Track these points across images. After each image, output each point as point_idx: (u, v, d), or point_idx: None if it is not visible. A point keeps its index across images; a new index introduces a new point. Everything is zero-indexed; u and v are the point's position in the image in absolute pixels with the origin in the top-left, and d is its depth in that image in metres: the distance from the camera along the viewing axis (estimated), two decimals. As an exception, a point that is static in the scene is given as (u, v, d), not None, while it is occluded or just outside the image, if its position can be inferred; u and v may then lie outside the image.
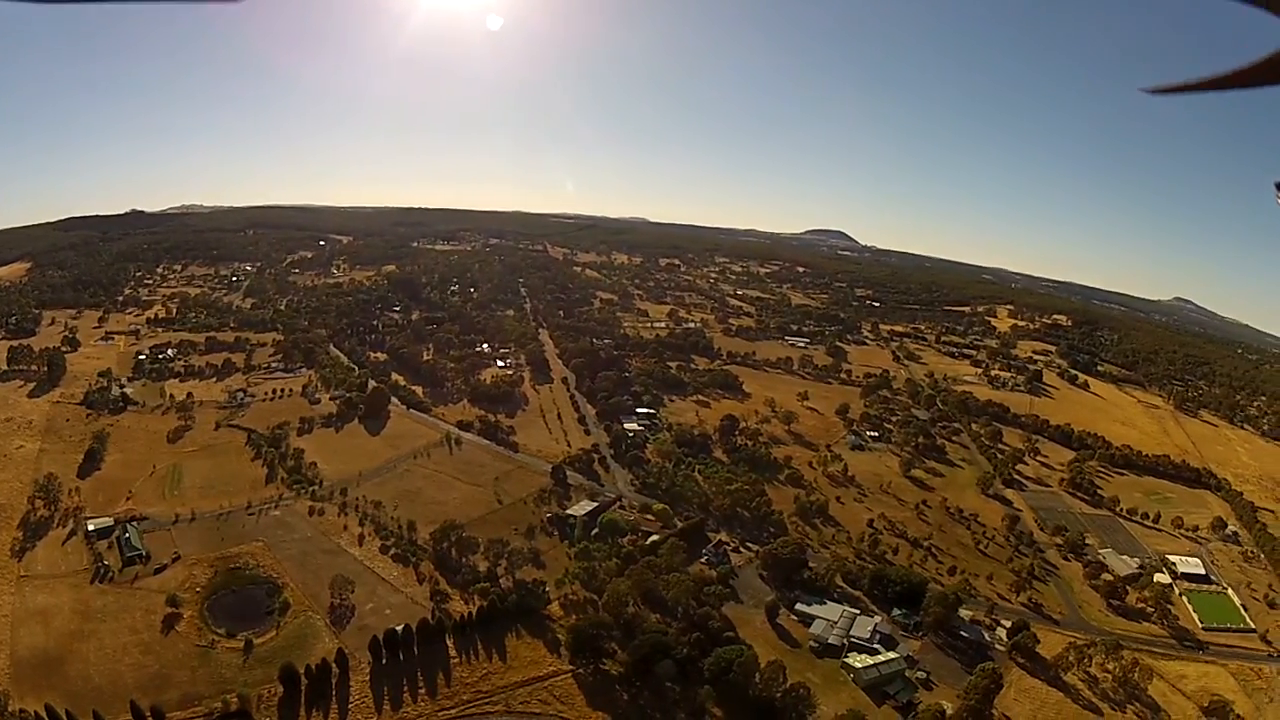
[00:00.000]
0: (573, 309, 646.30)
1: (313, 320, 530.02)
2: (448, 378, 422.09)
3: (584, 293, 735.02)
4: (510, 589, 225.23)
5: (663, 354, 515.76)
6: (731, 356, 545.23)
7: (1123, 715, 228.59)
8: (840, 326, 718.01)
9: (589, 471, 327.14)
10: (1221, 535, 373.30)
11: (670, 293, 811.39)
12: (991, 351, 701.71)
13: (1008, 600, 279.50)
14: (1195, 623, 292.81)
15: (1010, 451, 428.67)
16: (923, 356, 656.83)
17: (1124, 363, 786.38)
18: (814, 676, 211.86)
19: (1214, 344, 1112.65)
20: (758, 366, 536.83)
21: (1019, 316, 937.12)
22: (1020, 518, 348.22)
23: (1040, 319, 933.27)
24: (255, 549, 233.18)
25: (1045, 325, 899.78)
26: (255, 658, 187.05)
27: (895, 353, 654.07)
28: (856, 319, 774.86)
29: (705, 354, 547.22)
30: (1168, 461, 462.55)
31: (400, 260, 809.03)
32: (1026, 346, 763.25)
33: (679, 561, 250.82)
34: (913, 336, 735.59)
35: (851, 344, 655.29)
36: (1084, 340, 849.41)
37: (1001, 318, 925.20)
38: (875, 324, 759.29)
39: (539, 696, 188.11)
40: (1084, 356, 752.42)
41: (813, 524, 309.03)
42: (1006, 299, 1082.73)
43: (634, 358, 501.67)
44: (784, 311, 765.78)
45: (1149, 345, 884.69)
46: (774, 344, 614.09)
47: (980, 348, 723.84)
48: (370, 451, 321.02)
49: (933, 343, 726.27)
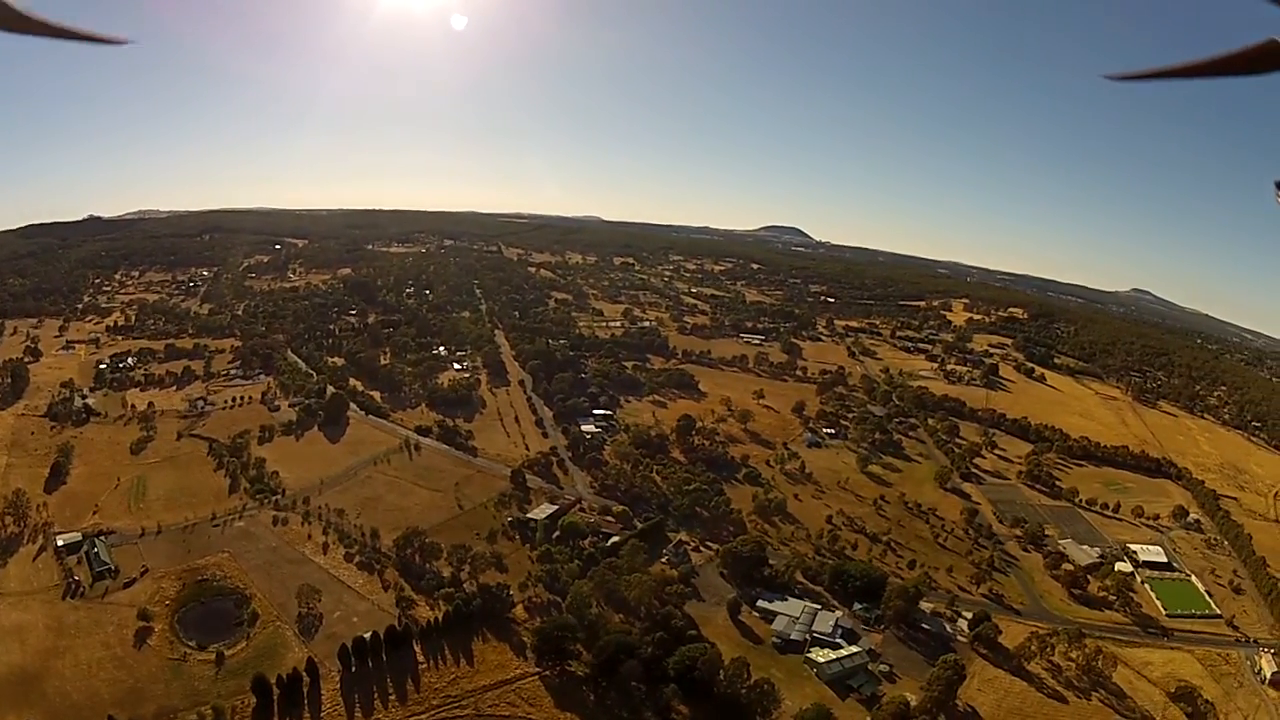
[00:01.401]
0: (528, 310, 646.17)
1: (270, 325, 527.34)
2: (405, 382, 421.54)
3: (539, 293, 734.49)
4: (474, 593, 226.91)
5: (618, 354, 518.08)
6: (687, 355, 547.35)
7: (1088, 703, 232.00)
8: (795, 323, 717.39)
9: (548, 474, 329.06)
10: (1183, 523, 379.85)
11: (625, 292, 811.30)
12: (947, 346, 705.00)
13: (968, 592, 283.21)
14: (1159, 610, 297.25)
15: (967, 445, 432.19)
16: (878, 352, 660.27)
17: (1081, 355, 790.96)
18: (777, 672, 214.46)
19: (1173, 334, 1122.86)
20: (713, 365, 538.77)
21: (975, 310, 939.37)
22: (979, 511, 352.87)
23: (996, 312, 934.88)
24: (222, 560, 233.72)
25: (1001, 318, 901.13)
26: (227, 669, 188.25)
27: (851, 348, 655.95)
28: (811, 315, 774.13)
29: (661, 353, 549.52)
30: (1127, 452, 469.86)
31: (355, 263, 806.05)
32: (982, 340, 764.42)
33: (640, 562, 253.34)
34: (868, 332, 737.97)
35: (807, 340, 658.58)
36: (1040, 333, 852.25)
37: (957, 312, 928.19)
38: (830, 320, 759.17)
39: (507, 699, 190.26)
40: (1040, 349, 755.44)
41: (771, 522, 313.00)
42: (962, 293, 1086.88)
43: (590, 358, 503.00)
44: (739, 309, 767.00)
45: (1106, 337, 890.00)
46: (729, 342, 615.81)
47: (936, 342, 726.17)
48: (331, 459, 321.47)
49: (888, 338, 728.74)
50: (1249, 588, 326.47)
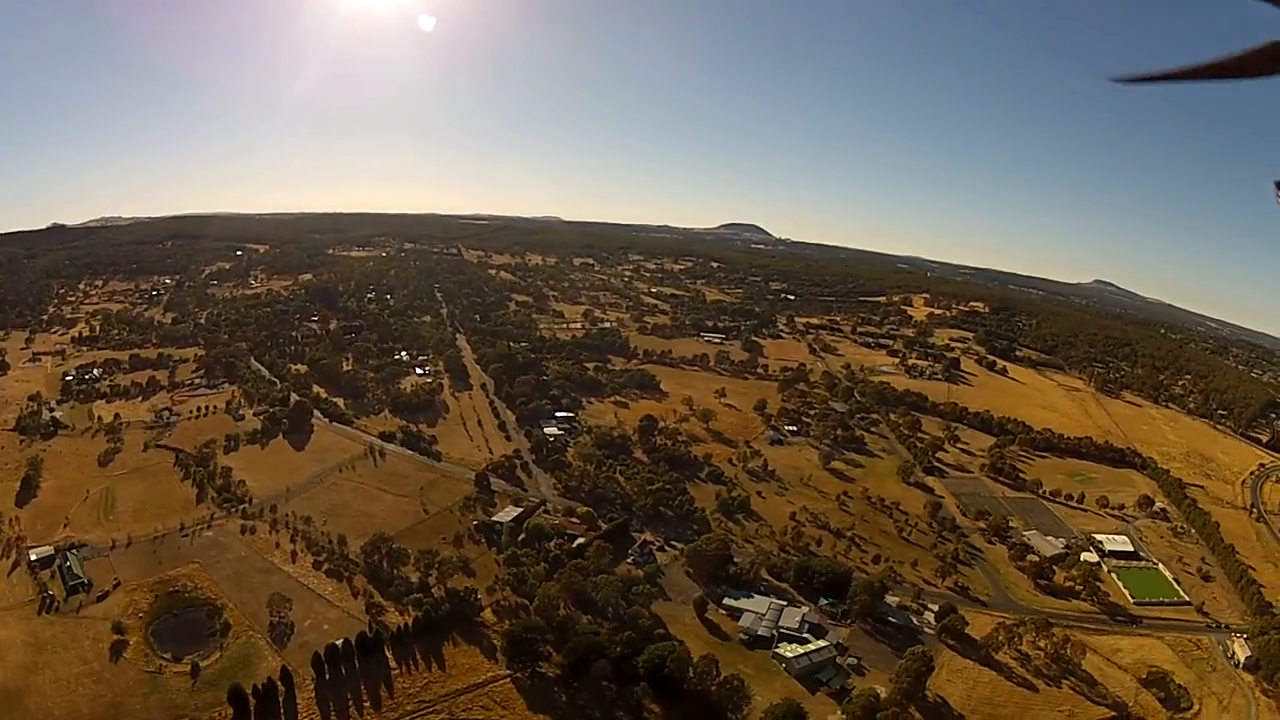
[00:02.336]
0: (489, 313, 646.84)
1: (233, 333, 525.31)
2: (368, 388, 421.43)
3: (499, 296, 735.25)
4: (443, 598, 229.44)
5: (579, 355, 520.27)
6: (648, 355, 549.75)
7: (1058, 691, 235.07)
8: (756, 321, 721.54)
9: (512, 477, 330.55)
10: (1149, 512, 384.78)
11: (585, 293, 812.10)
12: (908, 341, 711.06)
13: (934, 585, 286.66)
14: (1127, 598, 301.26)
15: (929, 440, 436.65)
16: (839, 348, 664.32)
17: (1043, 347, 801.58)
18: (746, 668, 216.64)
19: (1136, 325, 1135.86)
20: (674, 364, 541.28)
21: (935, 305, 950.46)
22: (942, 504, 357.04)
23: (957, 306, 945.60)
24: (192, 571, 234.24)
25: (962, 312, 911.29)
26: (203, 680, 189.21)
27: (811, 345, 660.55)
28: (772, 313, 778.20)
29: (621, 354, 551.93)
30: (1090, 443, 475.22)
31: (316, 268, 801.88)
32: (943, 334, 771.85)
33: (606, 563, 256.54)
34: (829, 328, 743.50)
35: (767, 338, 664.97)
36: (1002, 326, 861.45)
37: (918, 306, 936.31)
38: (791, 317, 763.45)
39: (480, 703, 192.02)
40: (1002, 342, 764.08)
41: (735, 520, 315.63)
42: (923, 288, 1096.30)
43: (551, 360, 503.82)
44: (699, 308, 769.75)
45: (1069, 329, 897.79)
46: (690, 341, 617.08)
47: (897, 337, 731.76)
48: (296, 466, 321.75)
49: (849, 334, 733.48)
50: (1218, 574, 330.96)
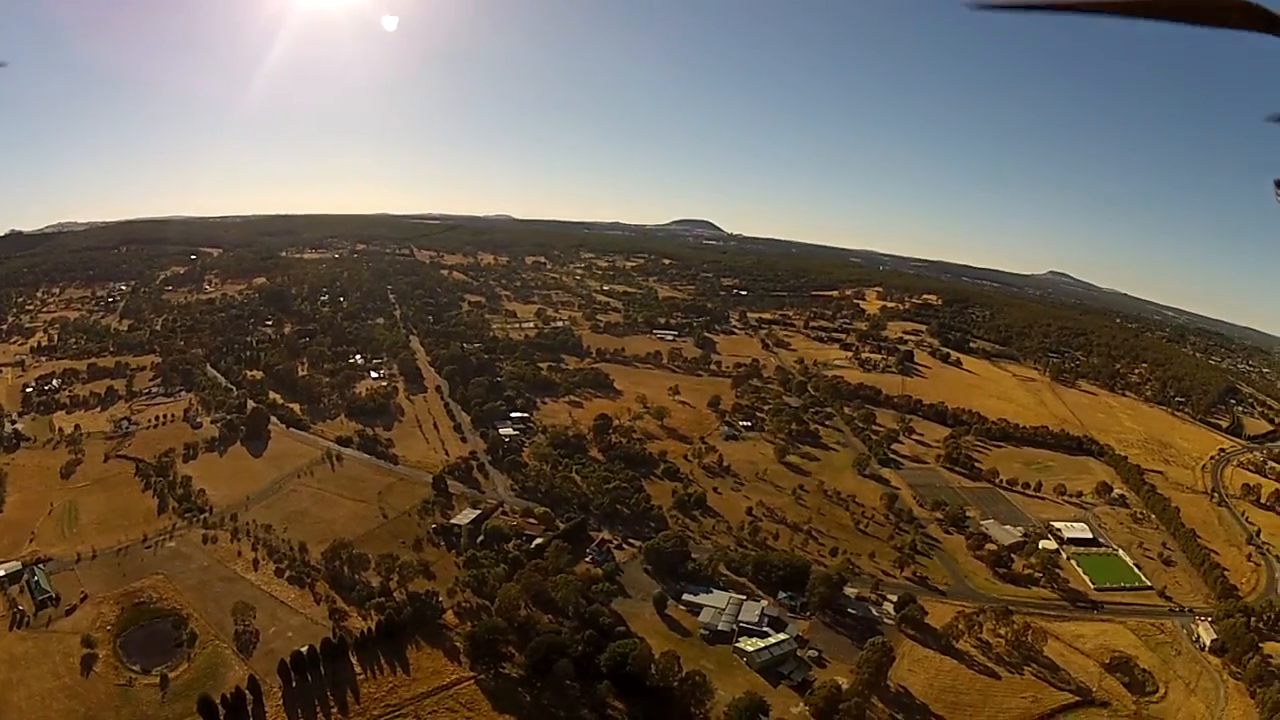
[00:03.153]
0: (442, 314, 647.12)
1: (188, 340, 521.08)
2: (324, 393, 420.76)
3: (452, 296, 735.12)
4: (404, 602, 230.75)
5: (533, 355, 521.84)
6: (601, 354, 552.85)
7: (1020, 677, 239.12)
8: (708, 317, 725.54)
9: (469, 479, 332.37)
10: (1107, 499, 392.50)
11: (537, 292, 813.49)
12: (861, 334, 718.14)
13: (892, 576, 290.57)
14: (1087, 584, 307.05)
15: (884, 432, 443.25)
16: (792, 343, 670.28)
17: (997, 338, 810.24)
18: (708, 663, 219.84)
19: (1091, 315, 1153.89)
20: (627, 363, 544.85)
21: (888, 298, 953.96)
22: (898, 495, 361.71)
23: (910, 299, 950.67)
24: (157, 582, 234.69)
25: (915, 305, 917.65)
26: (172, 692, 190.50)
27: (764, 341, 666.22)
28: (724, 309, 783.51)
29: (575, 353, 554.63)
30: (1046, 432, 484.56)
31: (270, 271, 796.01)
32: (896, 328, 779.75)
33: (565, 562, 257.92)
34: (781, 323, 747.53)
35: (720, 334, 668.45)
36: (955, 318, 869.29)
37: (870, 300, 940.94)
38: (743, 313, 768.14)
39: (446, 705, 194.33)
40: (956, 334, 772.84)
41: (692, 516, 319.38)
42: (875, 281, 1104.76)
43: (505, 361, 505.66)
44: (651, 305, 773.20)
45: (1023, 319, 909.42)
46: (642, 338, 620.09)
47: (850, 331, 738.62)
48: (255, 473, 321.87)
49: (801, 329, 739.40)
50: (1180, 559, 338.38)
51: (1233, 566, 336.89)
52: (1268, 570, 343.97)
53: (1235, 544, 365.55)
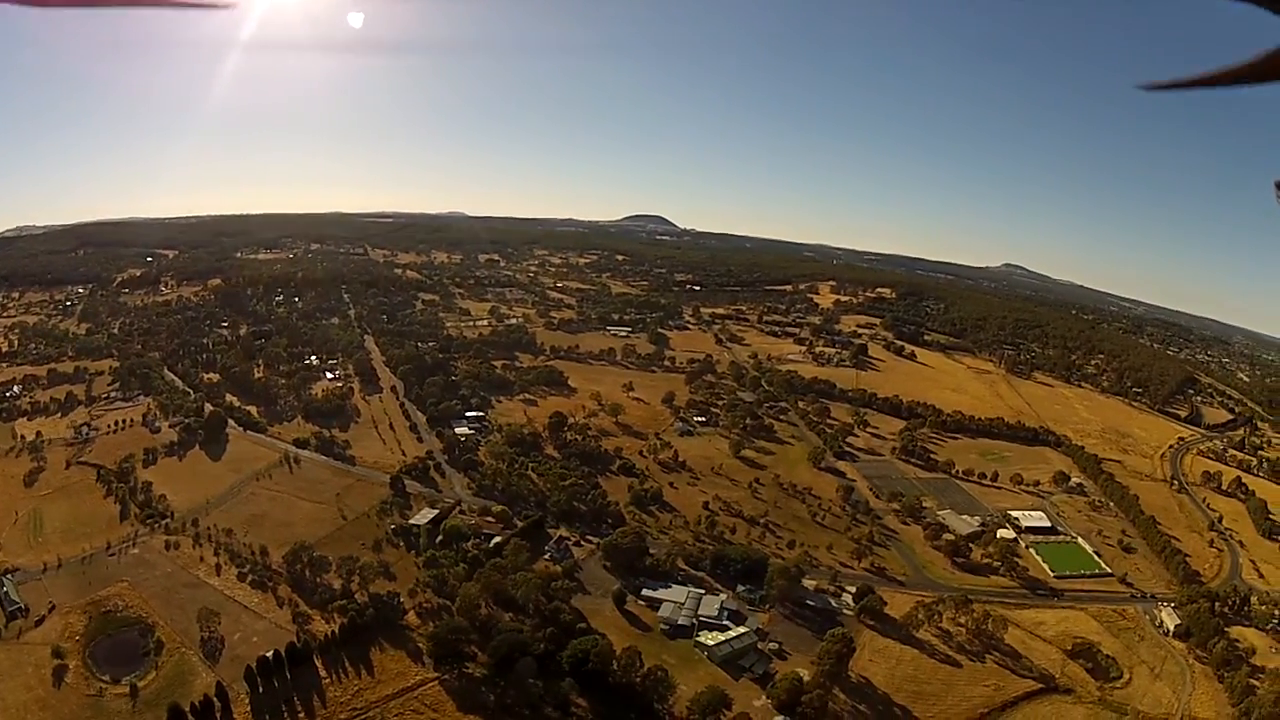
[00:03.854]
0: (396, 313, 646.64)
1: (145, 343, 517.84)
2: (280, 394, 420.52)
3: (406, 295, 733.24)
4: (366, 604, 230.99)
5: (487, 354, 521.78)
6: (555, 351, 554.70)
7: (982, 665, 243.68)
8: (661, 313, 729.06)
9: (426, 479, 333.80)
10: (1065, 488, 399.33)
11: (491, 289, 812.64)
12: (815, 328, 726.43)
13: (850, 567, 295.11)
14: (1046, 572, 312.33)
15: (839, 425, 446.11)
16: (745, 338, 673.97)
17: (952, 331, 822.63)
18: (669, 658, 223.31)
19: (1046, 307, 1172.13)
20: (582, 359, 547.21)
21: (842, 292, 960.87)
22: (855, 487, 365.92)
23: (864, 293, 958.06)
24: (122, 590, 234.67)
25: (869, 299, 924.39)
26: (142, 701, 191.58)
27: (718, 336, 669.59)
28: (678, 304, 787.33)
29: (529, 350, 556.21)
30: (1002, 423, 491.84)
31: (225, 273, 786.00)
32: (850, 321, 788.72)
33: (523, 560, 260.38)
34: (734, 318, 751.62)
35: (674, 330, 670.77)
36: (909, 311, 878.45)
37: (824, 294, 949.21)
38: (696, 308, 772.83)
39: (411, 706, 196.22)
40: (910, 327, 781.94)
41: (649, 511, 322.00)
42: (829, 275, 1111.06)
43: (459, 359, 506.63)
44: (605, 301, 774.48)
45: (977, 312, 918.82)
46: (596, 335, 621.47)
47: (803, 325, 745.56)
48: (214, 477, 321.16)
49: (755, 323, 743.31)
50: (1140, 546, 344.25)
51: (1195, 552, 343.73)
52: (1231, 556, 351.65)
53: (1197, 530, 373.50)
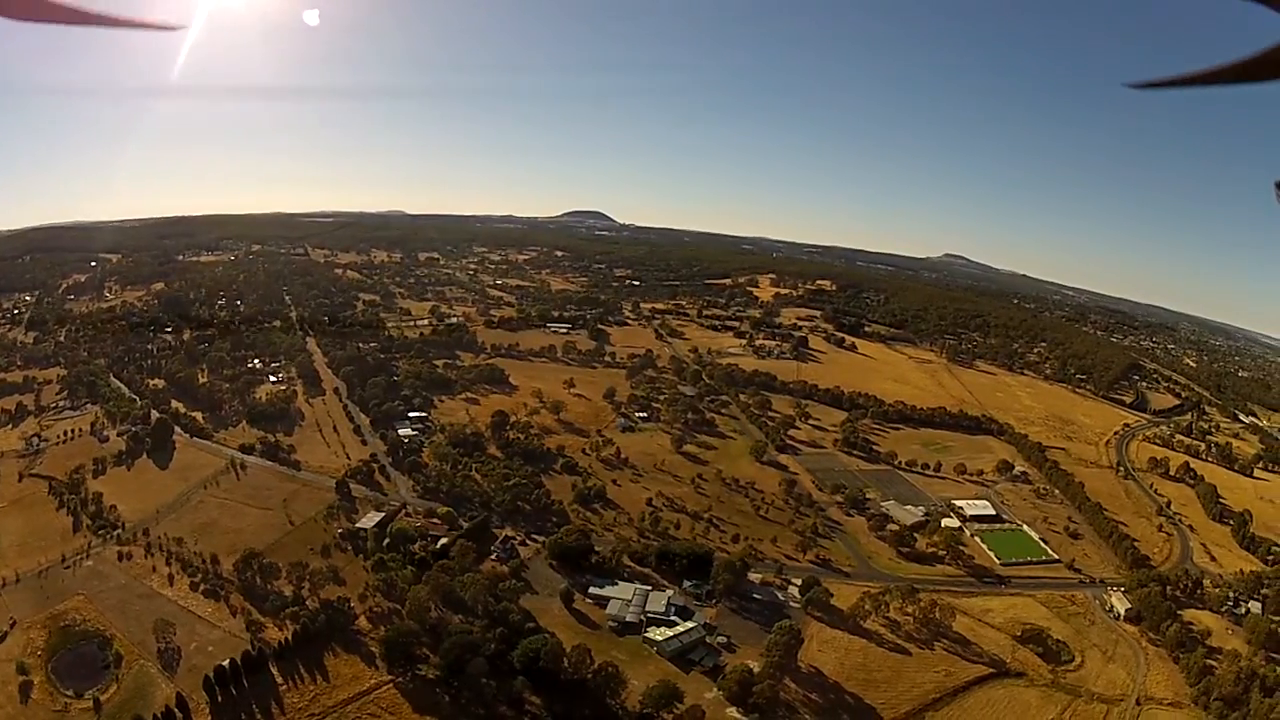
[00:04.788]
0: (337, 314, 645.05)
1: (91, 350, 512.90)
2: (224, 399, 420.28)
3: (346, 296, 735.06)
4: (318, 609, 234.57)
5: (428, 353, 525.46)
6: (496, 349, 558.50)
7: (931, 653, 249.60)
8: (601, 309, 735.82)
9: (371, 482, 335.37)
10: (1009, 476, 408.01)
11: (431, 288, 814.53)
12: (755, 322, 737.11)
13: (795, 559, 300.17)
14: (992, 560, 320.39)
15: (781, 418, 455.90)
16: (685, 332, 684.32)
17: (893, 321, 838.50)
18: (619, 654, 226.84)
19: (987, 296, 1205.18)
20: (522, 357, 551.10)
21: (782, 285, 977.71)
22: (797, 480, 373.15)
23: (804, 285, 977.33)
24: (79, 603, 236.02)
25: (809, 291, 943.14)
26: (105, 715, 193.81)
27: (658, 331, 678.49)
28: (617, 300, 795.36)
29: (470, 349, 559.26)
30: (944, 412, 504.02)
31: (168, 276, 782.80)
32: (790, 314, 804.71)
33: (470, 561, 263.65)
34: (674, 313, 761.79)
35: (614, 326, 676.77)
36: (850, 303, 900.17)
37: (764, 287, 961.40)
38: (636, 304, 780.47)
39: (368, 710, 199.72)
40: (850, 319, 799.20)
41: (593, 509, 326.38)
42: (768, 268, 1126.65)
43: (401, 359, 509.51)
44: (545, 298, 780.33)
45: (918, 302, 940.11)
46: (536, 333, 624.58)
47: (743, 319, 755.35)
48: (163, 486, 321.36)
49: (695, 318, 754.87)
50: (1087, 532, 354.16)
51: (1143, 537, 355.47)
52: (1181, 540, 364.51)
53: (1145, 516, 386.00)
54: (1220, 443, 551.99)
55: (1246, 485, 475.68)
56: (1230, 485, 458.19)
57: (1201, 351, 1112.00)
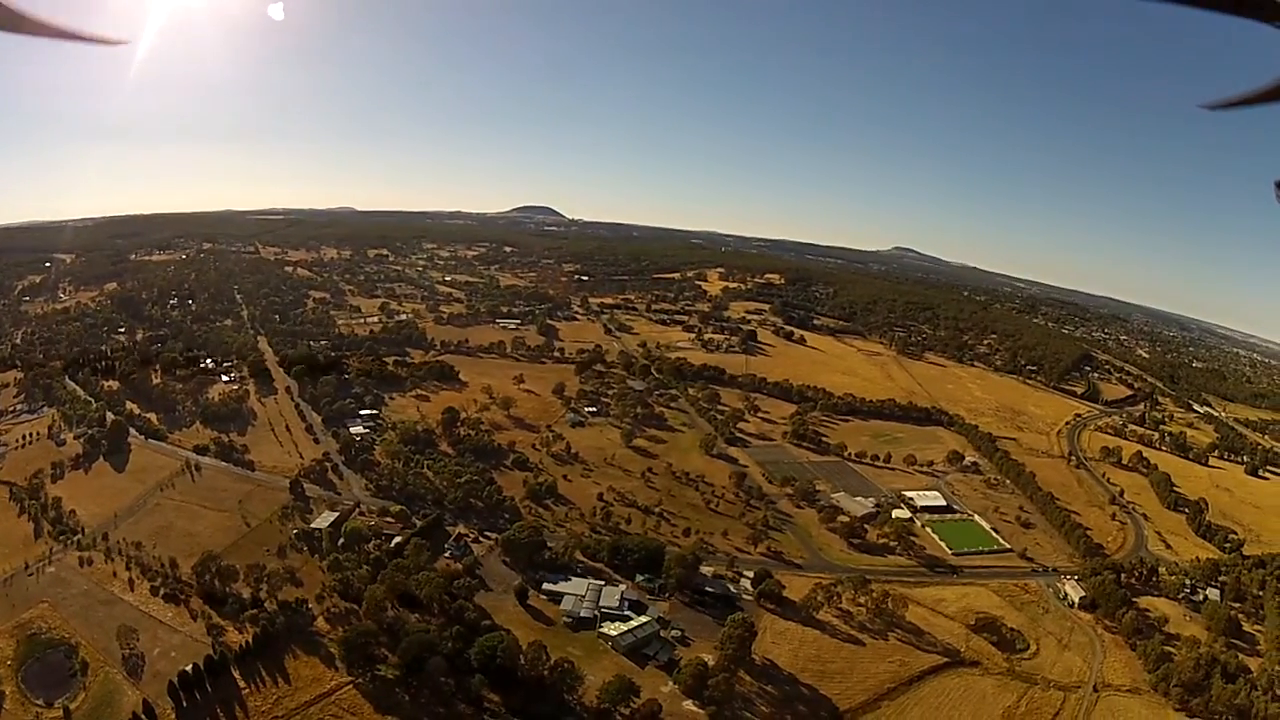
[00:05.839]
0: (288, 312, 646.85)
1: (47, 352, 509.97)
2: (178, 400, 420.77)
3: (297, 294, 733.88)
4: (277, 611, 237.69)
5: (378, 350, 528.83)
6: (446, 346, 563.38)
7: (885, 643, 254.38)
8: (550, 305, 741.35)
9: (324, 481, 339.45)
10: (960, 467, 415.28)
11: (381, 285, 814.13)
12: (703, 316, 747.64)
13: (747, 552, 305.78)
14: (944, 550, 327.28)
15: (730, 411, 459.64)
16: (634, 327, 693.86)
17: (842, 314, 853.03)
18: (575, 650, 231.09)
19: (937, 289, 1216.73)
20: (472, 353, 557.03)
21: (731, 279, 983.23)
22: (747, 473, 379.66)
23: (752, 279, 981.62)
24: (44, 611, 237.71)
25: (758, 285, 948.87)
26: None
27: (607, 326, 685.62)
28: (566, 295, 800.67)
29: (420, 346, 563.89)
30: (894, 404, 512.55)
31: (121, 277, 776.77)
32: (739, 307, 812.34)
33: (425, 559, 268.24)
34: (623, 308, 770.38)
35: (562, 321, 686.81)
36: (799, 296, 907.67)
37: (713, 281, 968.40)
38: (585, 299, 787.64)
39: (330, 712, 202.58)
40: (799, 312, 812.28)
41: (545, 505, 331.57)
42: (717, 262, 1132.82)
43: (352, 357, 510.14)
44: (494, 294, 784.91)
45: (867, 295, 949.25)
46: (486, 329, 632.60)
47: (692, 313, 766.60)
48: (120, 489, 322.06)
49: (643, 312, 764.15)
50: (1039, 521, 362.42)
51: (1096, 526, 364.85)
52: (1135, 528, 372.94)
53: (1098, 504, 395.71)
54: (1174, 432, 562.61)
55: (1202, 474, 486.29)
56: (1185, 474, 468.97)
57: (1155, 343, 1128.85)
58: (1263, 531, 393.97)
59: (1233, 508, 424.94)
